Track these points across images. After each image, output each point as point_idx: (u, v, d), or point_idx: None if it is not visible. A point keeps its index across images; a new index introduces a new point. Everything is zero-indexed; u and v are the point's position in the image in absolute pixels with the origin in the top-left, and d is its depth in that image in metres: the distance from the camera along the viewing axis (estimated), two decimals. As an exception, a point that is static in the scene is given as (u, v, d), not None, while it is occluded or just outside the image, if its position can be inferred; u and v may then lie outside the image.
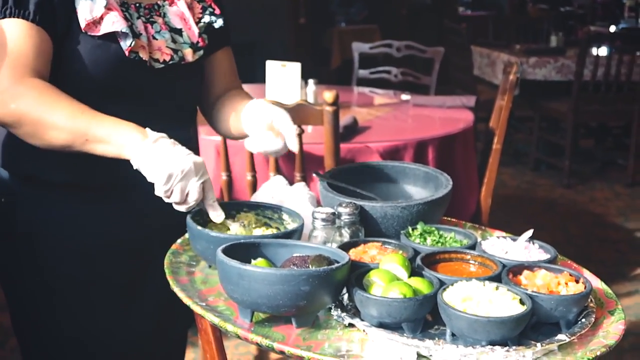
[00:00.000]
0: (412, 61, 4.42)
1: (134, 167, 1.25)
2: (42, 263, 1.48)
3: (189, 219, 1.31)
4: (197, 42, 1.49)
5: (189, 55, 1.47)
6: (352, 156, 2.52)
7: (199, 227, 1.29)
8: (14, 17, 1.29)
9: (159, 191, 1.24)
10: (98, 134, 1.26)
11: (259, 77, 4.13)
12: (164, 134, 1.27)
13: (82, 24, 1.33)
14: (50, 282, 1.48)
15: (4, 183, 1.48)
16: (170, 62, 1.44)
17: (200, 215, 1.34)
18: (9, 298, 1.56)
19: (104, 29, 1.34)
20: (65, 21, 1.34)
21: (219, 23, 1.54)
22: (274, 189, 1.56)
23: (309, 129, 2.63)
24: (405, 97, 3.58)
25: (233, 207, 1.42)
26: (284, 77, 3.06)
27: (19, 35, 1.29)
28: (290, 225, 1.38)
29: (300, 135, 2.34)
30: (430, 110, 3.28)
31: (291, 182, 1.71)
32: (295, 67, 3.07)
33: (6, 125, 1.31)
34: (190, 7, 1.51)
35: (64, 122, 1.26)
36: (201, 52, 1.50)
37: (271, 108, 1.41)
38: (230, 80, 1.64)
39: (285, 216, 1.41)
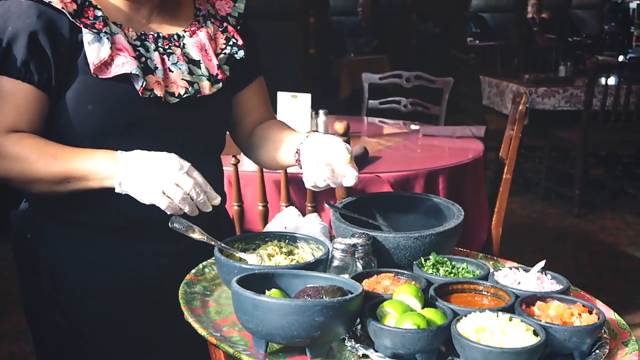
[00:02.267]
0: (421, 91, 4.43)
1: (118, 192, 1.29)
2: (65, 300, 1.48)
3: (216, 251, 1.33)
4: (216, 74, 1.48)
5: (205, 88, 1.45)
6: (362, 186, 2.53)
7: (226, 258, 1.30)
8: None
9: (152, 201, 1.27)
10: (76, 174, 1.31)
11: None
12: (135, 152, 1.30)
13: (92, 68, 1.34)
14: (73, 319, 1.48)
15: (30, 219, 1.50)
16: (185, 96, 1.42)
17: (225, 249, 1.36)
18: (34, 333, 1.56)
19: (114, 71, 1.35)
20: (67, 68, 1.35)
21: (240, 54, 1.52)
22: (286, 220, 1.57)
23: (320, 159, 2.64)
24: (414, 127, 3.60)
25: (258, 237, 1.45)
26: (294, 108, 3.09)
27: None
28: (315, 254, 1.39)
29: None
30: (440, 140, 3.29)
31: (303, 213, 1.72)
32: (305, 98, 3.09)
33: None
34: (213, 39, 1.50)
35: (42, 172, 1.31)
36: (220, 85, 1.48)
37: (333, 142, 1.39)
38: (263, 111, 1.65)
39: (308, 245, 1.42)
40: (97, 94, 1.36)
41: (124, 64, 1.35)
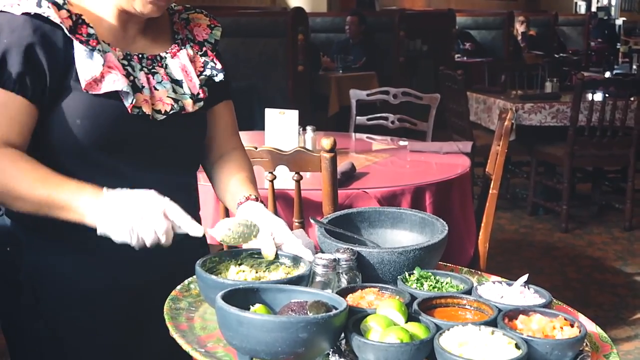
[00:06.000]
0: (408, 108, 4.46)
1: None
2: (47, 310, 1.49)
3: (197, 266, 1.33)
4: (198, 93, 1.53)
5: (189, 105, 1.51)
6: (349, 202, 2.54)
7: (207, 274, 1.30)
8: None
9: (124, 240, 1.27)
10: (59, 202, 1.30)
11: (257, 124, 4.17)
12: (117, 192, 1.29)
13: (83, 84, 1.36)
14: (55, 329, 1.50)
15: (9, 232, 1.50)
16: (171, 112, 1.47)
17: (207, 262, 1.36)
18: (12, 346, 1.57)
19: (105, 87, 1.37)
20: (59, 82, 1.37)
21: (219, 77, 1.58)
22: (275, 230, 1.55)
23: (307, 175, 2.66)
24: (402, 143, 3.63)
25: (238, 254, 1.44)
26: (282, 124, 3.11)
27: None
28: (298, 270, 1.39)
29: (298, 182, 2.37)
30: (427, 156, 3.31)
31: (290, 228, 1.72)
32: (293, 115, 3.11)
33: None
34: (192, 60, 1.55)
35: (26, 192, 1.31)
36: (201, 103, 1.54)
37: (270, 219, 1.45)
38: (230, 135, 1.68)
39: (289, 261, 1.42)
40: (86, 110, 1.38)
41: (115, 82, 1.38)
